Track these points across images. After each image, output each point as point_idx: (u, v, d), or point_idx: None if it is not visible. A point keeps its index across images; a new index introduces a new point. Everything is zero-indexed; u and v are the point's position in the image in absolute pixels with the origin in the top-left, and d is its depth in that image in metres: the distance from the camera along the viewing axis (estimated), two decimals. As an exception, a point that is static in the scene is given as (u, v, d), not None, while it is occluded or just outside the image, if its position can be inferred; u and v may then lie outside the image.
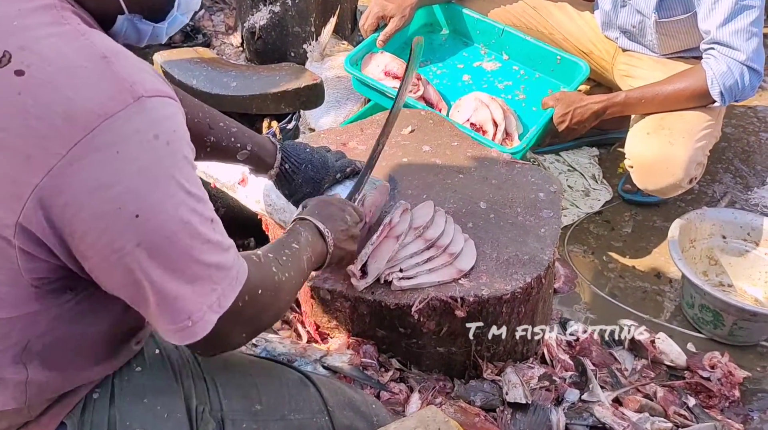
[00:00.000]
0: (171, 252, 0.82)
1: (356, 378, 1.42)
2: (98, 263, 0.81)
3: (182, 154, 0.83)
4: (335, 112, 2.60)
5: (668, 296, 2.19)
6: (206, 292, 0.86)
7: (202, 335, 0.86)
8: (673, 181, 2.16)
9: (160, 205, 0.80)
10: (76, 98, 0.75)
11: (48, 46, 0.78)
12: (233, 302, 0.89)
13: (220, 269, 0.87)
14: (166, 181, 0.80)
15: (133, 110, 0.77)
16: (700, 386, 1.75)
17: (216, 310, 0.87)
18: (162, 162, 0.80)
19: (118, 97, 0.77)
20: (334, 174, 1.39)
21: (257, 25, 2.91)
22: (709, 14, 2.06)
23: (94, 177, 0.76)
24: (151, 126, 0.79)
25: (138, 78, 0.79)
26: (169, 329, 0.86)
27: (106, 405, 0.98)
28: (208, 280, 0.86)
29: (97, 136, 0.75)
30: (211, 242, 0.86)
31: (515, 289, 1.44)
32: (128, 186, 0.77)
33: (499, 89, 2.38)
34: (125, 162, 0.77)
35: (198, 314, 0.85)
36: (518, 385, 1.50)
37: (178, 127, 0.83)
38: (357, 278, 1.40)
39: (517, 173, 1.74)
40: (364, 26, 2.42)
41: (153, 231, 0.80)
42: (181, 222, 0.82)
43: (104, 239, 0.78)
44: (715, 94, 2.10)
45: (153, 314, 0.86)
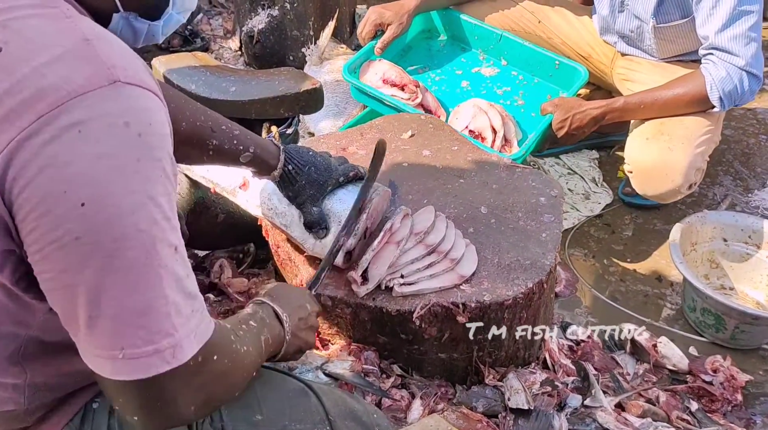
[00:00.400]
0: (115, 260, 0.72)
1: (358, 385, 1.41)
2: (36, 253, 0.73)
3: (155, 154, 0.74)
4: (334, 117, 2.59)
5: (669, 299, 2.18)
6: (158, 331, 0.74)
7: (131, 375, 0.75)
8: (672, 187, 2.16)
9: (113, 199, 0.71)
10: (48, 75, 0.71)
11: (29, 26, 0.75)
12: (189, 359, 0.77)
13: (178, 313, 0.76)
14: (127, 176, 0.72)
15: (105, 92, 0.72)
16: (702, 390, 1.74)
17: (168, 360, 0.75)
18: (128, 153, 0.72)
19: (92, 78, 0.72)
20: (337, 177, 1.39)
21: (256, 29, 2.91)
22: (707, 20, 2.06)
23: (49, 153, 0.69)
24: (124, 113, 0.72)
25: (119, 63, 0.74)
26: (96, 355, 0.75)
27: (106, 415, 0.97)
28: (163, 317, 0.75)
29: (62, 113, 0.70)
30: (169, 272, 0.75)
31: (517, 294, 1.43)
32: (82, 169, 0.70)
33: (498, 95, 2.38)
34: (85, 143, 0.70)
35: (136, 350, 0.74)
36: (520, 390, 1.49)
37: (156, 124, 0.75)
38: (358, 284, 1.40)
39: (517, 178, 1.73)
40: (362, 34, 2.42)
41: (98, 227, 0.71)
42: (135, 228, 0.72)
43: (44, 223, 0.70)
44: (715, 100, 2.10)
45: (81, 335, 0.75)
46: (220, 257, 1.77)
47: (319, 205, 1.37)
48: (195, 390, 0.82)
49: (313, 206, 1.36)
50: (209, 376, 0.83)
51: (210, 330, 0.82)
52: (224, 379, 0.88)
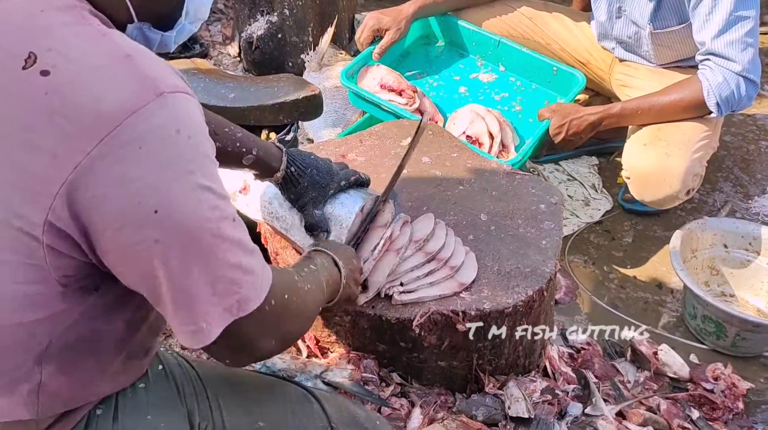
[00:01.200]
0: (191, 250, 0.81)
1: (357, 394, 1.40)
2: (117, 258, 0.81)
3: (203, 150, 0.83)
4: (333, 123, 2.59)
5: (670, 306, 2.17)
6: (226, 293, 0.84)
7: (215, 336, 0.85)
8: (670, 193, 2.15)
9: (180, 200, 0.79)
10: (102, 96, 0.77)
11: (72, 47, 0.80)
12: (258, 306, 0.88)
13: (243, 271, 0.86)
14: (186, 177, 0.80)
15: (155, 106, 0.78)
16: (703, 398, 1.73)
17: (233, 313, 0.86)
18: (183, 157, 0.80)
19: (141, 94, 0.78)
20: (339, 181, 1.39)
21: (255, 35, 2.90)
22: (703, 26, 2.06)
23: (118, 172, 0.76)
24: (174, 121, 0.79)
25: (159, 75, 0.80)
26: (184, 331, 0.85)
27: (110, 422, 0.97)
28: (229, 281, 0.84)
29: (121, 133, 0.76)
30: (233, 241, 0.85)
31: (517, 302, 1.43)
32: (149, 181, 0.77)
33: (496, 101, 2.38)
34: (148, 157, 0.77)
35: (213, 315, 0.84)
36: (520, 399, 1.49)
37: (198, 123, 0.83)
38: (357, 292, 1.39)
39: (517, 184, 1.73)
40: (360, 39, 2.42)
41: (172, 227, 0.79)
42: (202, 219, 0.81)
43: (124, 233, 0.78)
44: (712, 106, 2.10)
45: (169, 314, 0.85)
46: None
47: (320, 208, 1.37)
48: (273, 329, 0.94)
49: (314, 209, 1.37)
50: (283, 314, 0.94)
51: (270, 277, 0.91)
52: (296, 316, 0.99)
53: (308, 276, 1.07)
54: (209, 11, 1.05)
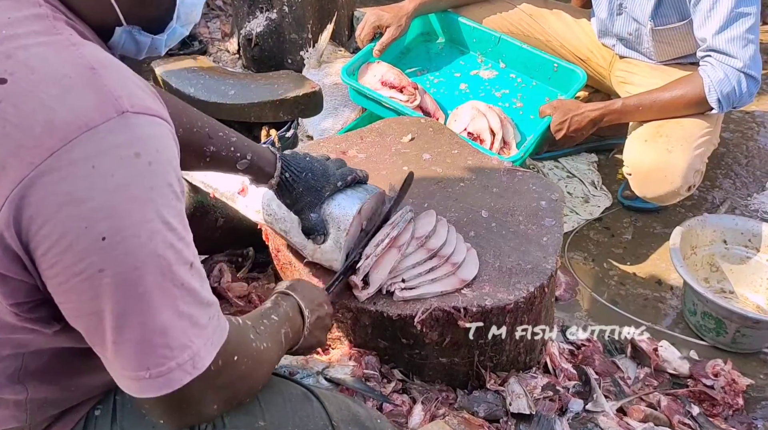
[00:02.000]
0: (138, 287, 0.75)
1: (359, 390, 1.40)
2: (58, 286, 0.75)
3: (166, 179, 0.77)
4: (333, 120, 2.59)
5: (669, 303, 2.18)
6: (176, 346, 0.78)
7: (161, 391, 0.79)
8: (671, 189, 2.15)
9: (132, 229, 0.73)
10: (57, 108, 0.72)
11: (34, 55, 0.75)
12: (208, 365, 0.82)
13: (194, 325, 0.80)
14: (142, 205, 0.74)
15: (115, 124, 0.73)
16: (703, 394, 1.74)
17: (189, 370, 0.80)
18: (141, 183, 0.74)
19: (101, 109, 0.73)
20: (335, 182, 1.37)
21: (254, 32, 2.90)
22: (704, 22, 2.06)
23: (65, 190, 0.71)
24: (133, 143, 0.74)
25: (125, 93, 0.75)
26: (123, 376, 0.79)
27: (108, 422, 0.96)
28: (180, 332, 0.78)
29: (74, 148, 0.71)
30: (186, 289, 0.79)
31: (518, 298, 1.43)
32: (99, 204, 0.72)
33: (497, 98, 2.38)
34: (100, 178, 0.72)
35: (161, 368, 0.78)
36: (522, 395, 1.49)
37: (163, 149, 0.77)
38: (359, 289, 1.39)
39: (518, 181, 1.73)
40: (361, 36, 2.41)
41: (120, 258, 0.73)
42: (154, 254, 0.75)
43: (66, 259, 0.73)
44: (713, 102, 2.10)
45: (108, 355, 0.79)
46: (219, 261, 1.76)
47: (317, 212, 1.36)
48: (218, 391, 0.86)
49: (311, 213, 1.35)
50: (231, 376, 0.88)
51: (225, 333, 0.86)
52: (246, 377, 0.92)
53: (266, 331, 1.00)
54: (201, 13, 1.02)
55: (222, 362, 0.84)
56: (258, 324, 1.00)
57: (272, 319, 1.05)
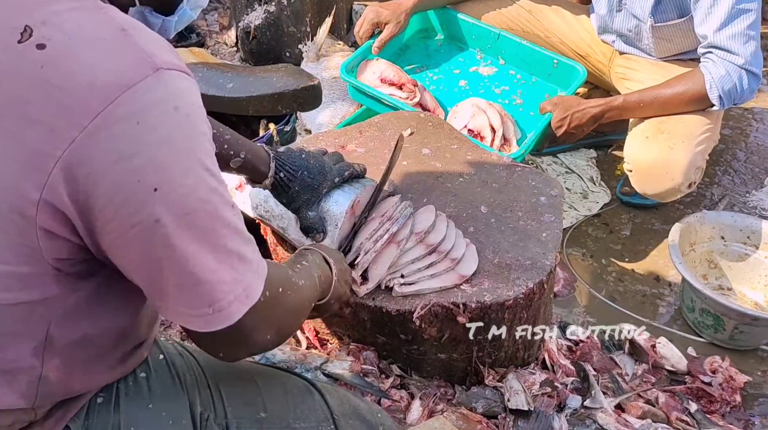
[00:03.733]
0: (191, 231, 0.79)
1: (357, 385, 1.40)
2: (116, 239, 0.78)
3: (201, 129, 0.81)
4: (331, 114, 2.58)
5: (668, 299, 2.18)
6: (230, 280, 0.83)
7: (223, 324, 0.84)
8: (672, 186, 2.15)
9: (180, 179, 0.78)
10: (97, 69, 0.75)
11: (68, 20, 0.77)
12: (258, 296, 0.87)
13: (242, 259, 0.85)
14: (186, 155, 0.78)
15: (152, 81, 0.76)
16: (701, 391, 1.74)
17: (244, 301, 0.85)
18: (182, 134, 0.78)
19: (137, 68, 0.76)
20: (332, 178, 1.36)
21: (252, 24, 2.88)
22: (705, 19, 2.06)
23: (115, 148, 0.74)
24: (172, 97, 0.77)
25: (156, 51, 0.78)
26: (188, 315, 0.84)
27: (111, 410, 0.96)
28: (231, 268, 0.83)
29: (118, 107, 0.74)
30: (232, 227, 0.84)
31: (518, 294, 1.42)
32: (148, 157, 0.75)
33: (496, 94, 2.37)
34: (146, 133, 0.75)
35: (221, 303, 0.83)
36: (520, 391, 1.49)
37: (195, 101, 0.81)
38: (358, 284, 1.38)
39: (517, 177, 1.72)
40: (359, 33, 2.40)
41: (173, 206, 0.77)
42: (202, 200, 0.80)
43: (123, 212, 0.76)
44: (714, 98, 2.09)
45: (170, 298, 0.83)
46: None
47: (314, 209, 1.35)
48: (269, 321, 0.92)
49: (308, 211, 1.35)
50: (279, 307, 0.94)
51: (266, 267, 0.91)
52: (291, 309, 0.98)
53: (302, 271, 1.07)
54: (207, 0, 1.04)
55: (269, 293, 0.90)
56: (293, 266, 1.08)
57: (303, 263, 1.12)
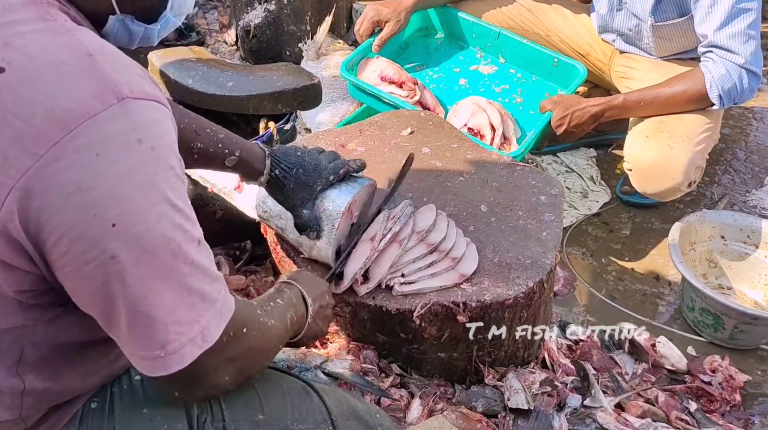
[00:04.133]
0: (149, 269, 0.76)
1: (357, 384, 1.40)
2: (70, 274, 0.76)
3: (168, 163, 0.78)
4: (331, 112, 2.57)
5: (667, 298, 2.17)
6: (186, 322, 0.80)
7: (174, 368, 0.81)
8: (672, 185, 2.15)
9: (140, 214, 0.74)
10: (58, 96, 0.72)
11: (31, 42, 0.75)
12: (218, 337, 0.84)
13: (204, 299, 0.82)
14: (148, 190, 0.75)
15: (116, 111, 0.73)
16: (701, 390, 1.74)
17: (199, 344, 0.82)
18: (144, 168, 0.75)
19: (101, 97, 0.73)
20: (327, 177, 1.35)
21: (252, 23, 2.88)
22: (705, 18, 2.06)
23: (72, 180, 0.71)
24: (135, 129, 0.74)
25: (124, 79, 0.76)
26: (139, 356, 0.81)
27: (105, 415, 0.96)
28: (190, 308, 0.80)
29: (76, 137, 0.71)
30: (195, 266, 0.80)
31: (518, 293, 1.42)
32: (106, 191, 0.72)
33: (496, 93, 2.37)
34: (105, 165, 0.72)
35: (174, 344, 0.80)
36: (520, 390, 1.49)
37: (164, 134, 0.78)
38: (358, 283, 1.38)
39: (517, 176, 1.72)
40: (360, 31, 2.40)
41: (130, 242, 0.74)
42: (163, 237, 0.76)
43: (78, 247, 0.73)
44: (714, 98, 2.09)
45: (123, 338, 0.81)
46: (217, 254, 1.75)
47: (309, 208, 1.34)
48: (228, 363, 0.89)
49: (303, 209, 1.34)
50: (241, 348, 0.90)
51: (233, 306, 0.87)
52: (255, 350, 0.95)
53: (272, 311, 1.03)
54: (195, 3, 1.02)
55: (233, 333, 0.87)
56: (265, 305, 1.04)
57: (278, 302, 1.08)
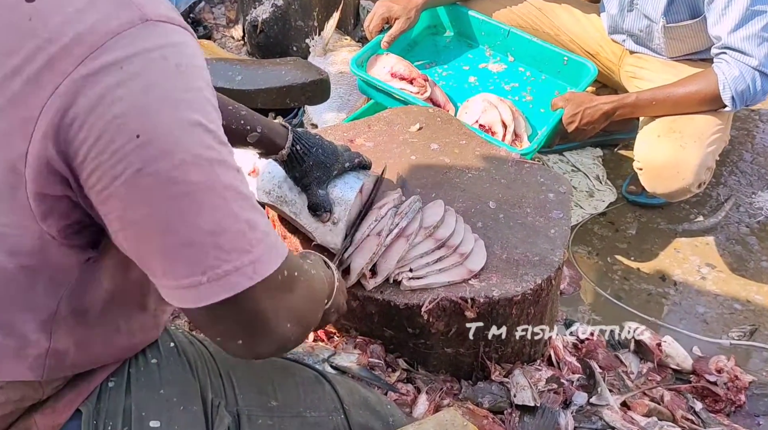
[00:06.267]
0: (180, 186, 0.72)
1: (364, 378, 1.40)
2: (99, 194, 0.73)
3: (195, 83, 0.75)
4: (338, 108, 2.57)
5: (673, 299, 2.17)
6: (231, 249, 0.74)
7: (222, 295, 0.74)
8: (683, 185, 2.14)
9: (165, 127, 0.72)
10: (84, 19, 0.72)
11: None
12: (273, 272, 0.78)
13: (254, 229, 0.76)
14: (173, 104, 0.73)
15: (140, 30, 0.73)
16: (706, 390, 1.74)
17: (249, 275, 0.75)
18: (171, 84, 0.73)
19: (125, 17, 0.73)
20: (343, 162, 1.38)
21: (260, 18, 2.88)
22: (719, 20, 2.05)
23: (98, 93, 0.71)
24: (159, 47, 0.73)
25: (149, 3, 0.75)
26: (180, 286, 0.75)
27: (122, 394, 0.96)
28: (236, 235, 0.75)
29: (102, 54, 0.71)
30: (237, 191, 0.76)
31: (526, 290, 1.42)
32: (131, 103, 0.71)
33: (506, 91, 2.36)
34: (130, 78, 0.71)
35: (217, 270, 0.74)
36: (526, 387, 1.49)
37: (189, 55, 0.76)
38: (366, 278, 1.38)
39: (526, 173, 1.72)
40: (369, 27, 2.40)
41: (156, 156, 0.71)
42: (192, 153, 0.73)
43: (105, 160, 0.71)
44: (727, 99, 2.09)
45: (159, 272, 0.76)
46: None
47: (324, 188, 1.37)
48: (285, 306, 0.83)
49: (318, 189, 1.36)
50: (295, 295, 0.85)
51: (286, 249, 0.82)
52: (308, 298, 0.90)
53: (313, 264, 1.04)
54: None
55: (287, 273, 0.81)
56: (304, 257, 1.03)
57: (312, 258, 1.08)
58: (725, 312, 2.13)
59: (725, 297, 2.18)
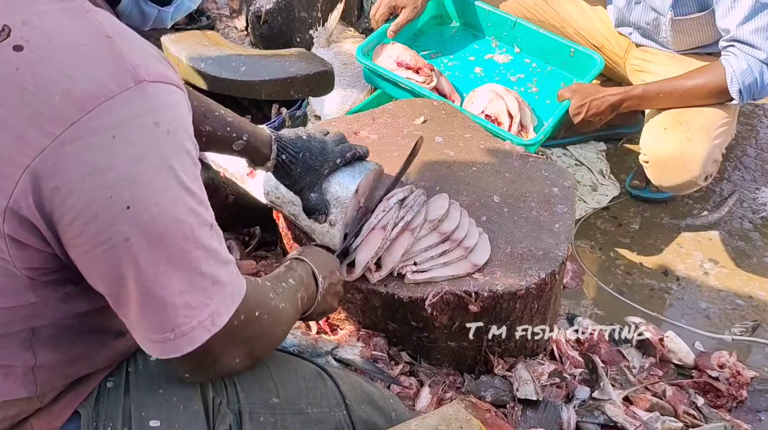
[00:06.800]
0: (162, 253, 0.77)
1: (368, 371, 1.40)
2: (83, 254, 0.76)
3: (183, 146, 0.78)
4: (341, 100, 2.56)
5: (675, 294, 2.17)
6: (197, 305, 0.81)
7: (185, 349, 0.82)
8: (689, 178, 2.13)
9: (154, 197, 0.75)
10: (75, 77, 0.72)
11: (50, 22, 0.74)
12: (228, 320, 0.85)
13: (215, 283, 0.82)
14: (163, 173, 0.75)
15: (133, 94, 0.73)
16: (708, 385, 1.74)
17: (208, 328, 0.83)
18: (160, 151, 0.75)
19: (118, 79, 0.73)
20: (333, 160, 1.35)
21: (263, 9, 2.86)
22: (728, 12, 2.04)
23: (88, 161, 0.71)
24: (152, 112, 0.75)
25: (141, 62, 0.75)
26: (149, 339, 0.82)
27: (121, 395, 0.96)
28: (200, 292, 0.81)
29: (94, 118, 0.71)
30: (207, 250, 0.81)
31: (530, 284, 1.42)
32: (122, 173, 0.73)
33: (512, 82, 2.35)
34: (121, 147, 0.72)
35: (184, 327, 0.81)
36: (529, 381, 1.49)
37: (180, 117, 0.78)
38: (371, 271, 1.38)
39: (530, 167, 1.72)
40: (375, 16, 2.38)
41: (145, 225, 0.75)
42: (177, 220, 0.77)
43: (92, 228, 0.74)
44: (734, 92, 2.07)
45: (134, 320, 0.82)
46: (227, 239, 1.75)
47: (317, 191, 1.35)
48: (238, 346, 0.90)
49: (311, 193, 1.35)
50: (251, 331, 0.91)
51: (244, 290, 0.88)
52: (265, 333, 0.96)
53: (284, 293, 1.04)
54: None
55: (243, 317, 0.87)
56: (276, 286, 1.04)
57: (289, 282, 1.09)
58: (728, 308, 2.12)
59: (728, 293, 2.17)
